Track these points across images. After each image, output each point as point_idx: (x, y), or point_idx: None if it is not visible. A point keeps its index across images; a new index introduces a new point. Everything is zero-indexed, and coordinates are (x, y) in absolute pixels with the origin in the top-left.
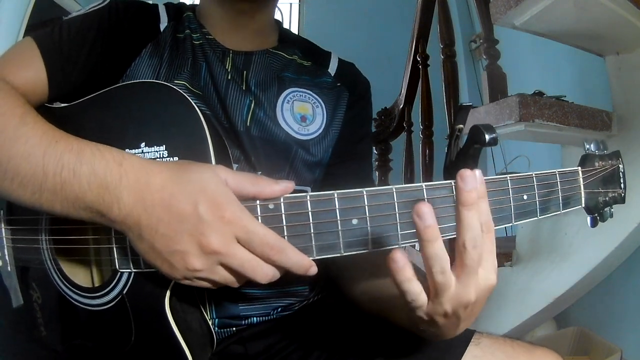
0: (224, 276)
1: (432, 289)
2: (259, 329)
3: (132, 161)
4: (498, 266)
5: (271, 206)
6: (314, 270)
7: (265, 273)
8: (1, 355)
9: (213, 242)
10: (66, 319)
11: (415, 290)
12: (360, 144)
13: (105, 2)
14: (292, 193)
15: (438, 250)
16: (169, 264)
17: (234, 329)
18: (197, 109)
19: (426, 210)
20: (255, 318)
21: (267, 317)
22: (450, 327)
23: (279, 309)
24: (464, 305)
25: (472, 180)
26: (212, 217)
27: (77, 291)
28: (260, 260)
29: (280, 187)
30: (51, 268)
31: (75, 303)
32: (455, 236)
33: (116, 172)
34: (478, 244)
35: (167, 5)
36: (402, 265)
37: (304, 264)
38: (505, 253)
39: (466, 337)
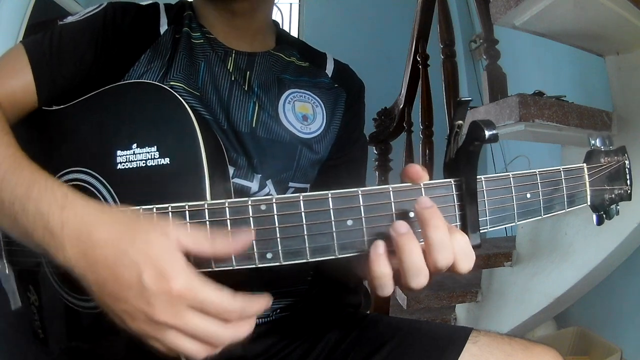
0: (177, 344)
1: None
2: (258, 330)
3: (75, 207)
4: (498, 266)
5: (263, 207)
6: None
7: (224, 339)
8: (0, 358)
9: (159, 313)
10: (63, 322)
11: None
12: (355, 146)
13: (100, 8)
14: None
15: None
16: (120, 319)
17: None
18: (188, 109)
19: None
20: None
21: (266, 319)
22: None
23: (279, 310)
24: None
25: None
26: (158, 288)
27: (72, 293)
28: (219, 323)
29: (236, 245)
30: (47, 270)
31: (71, 305)
32: None
33: (58, 218)
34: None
35: (167, 6)
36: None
37: (264, 307)
38: (505, 253)
39: (464, 335)
